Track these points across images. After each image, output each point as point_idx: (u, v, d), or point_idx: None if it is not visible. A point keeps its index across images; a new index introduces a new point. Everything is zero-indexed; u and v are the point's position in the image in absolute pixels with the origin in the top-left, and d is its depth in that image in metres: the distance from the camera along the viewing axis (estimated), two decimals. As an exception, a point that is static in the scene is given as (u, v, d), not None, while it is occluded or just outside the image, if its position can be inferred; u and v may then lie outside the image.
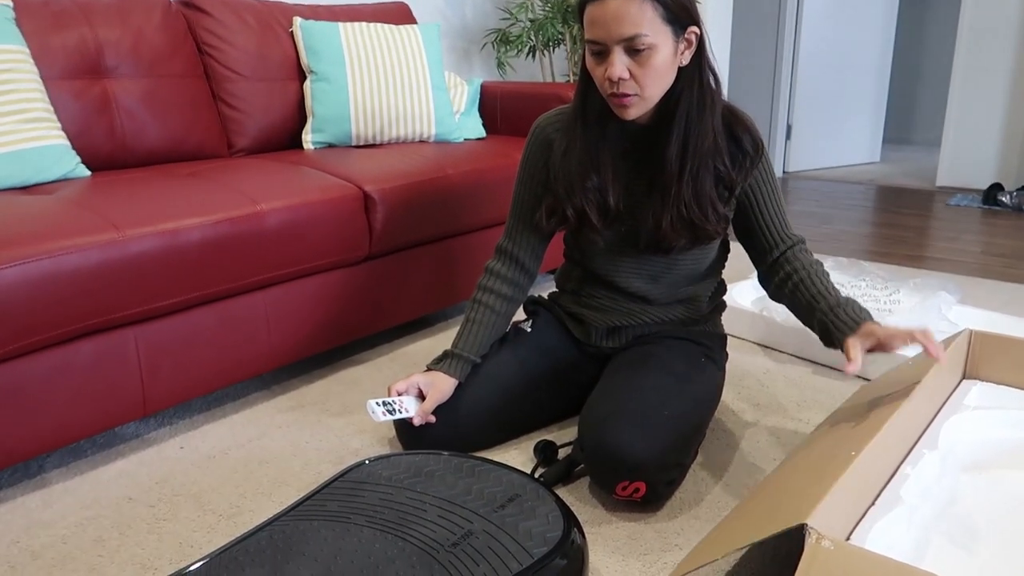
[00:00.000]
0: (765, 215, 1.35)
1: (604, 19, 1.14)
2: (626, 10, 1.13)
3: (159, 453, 1.44)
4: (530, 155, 1.41)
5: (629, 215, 1.33)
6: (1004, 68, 3.82)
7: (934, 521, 1.00)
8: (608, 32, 1.15)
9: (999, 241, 2.99)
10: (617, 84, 1.17)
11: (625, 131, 1.31)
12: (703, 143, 1.25)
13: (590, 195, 1.31)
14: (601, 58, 1.18)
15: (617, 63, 1.16)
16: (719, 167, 1.28)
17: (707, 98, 1.24)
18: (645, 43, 1.14)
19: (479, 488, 1.09)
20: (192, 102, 1.97)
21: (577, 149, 1.30)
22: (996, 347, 1.30)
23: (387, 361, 1.85)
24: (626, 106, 1.20)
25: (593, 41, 1.17)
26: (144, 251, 1.33)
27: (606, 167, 1.30)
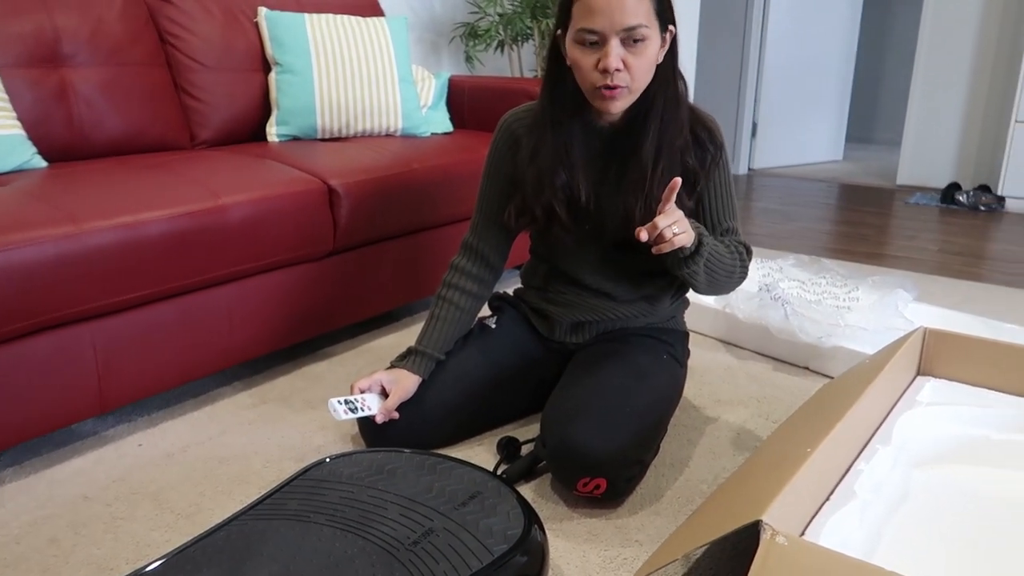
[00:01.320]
0: (714, 208, 1.36)
1: (607, 7, 1.13)
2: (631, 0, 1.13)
3: (117, 451, 1.42)
4: (496, 151, 1.40)
5: (597, 211, 1.33)
6: (962, 71, 3.90)
7: (886, 516, 1.03)
8: (611, 20, 1.14)
9: (956, 239, 3.06)
10: (612, 75, 1.17)
11: (594, 127, 1.31)
12: (676, 139, 1.27)
13: (559, 193, 1.31)
14: (594, 48, 1.17)
15: (613, 53, 1.15)
16: (687, 161, 1.29)
17: (679, 96, 1.27)
18: (642, 34, 1.16)
19: (440, 486, 1.09)
20: (153, 92, 1.94)
21: (546, 147, 1.30)
22: (950, 345, 1.33)
23: (352, 356, 1.84)
24: (615, 98, 1.20)
25: (590, 30, 1.16)
26: (102, 245, 1.31)
27: (575, 163, 1.30)
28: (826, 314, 1.82)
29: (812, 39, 4.68)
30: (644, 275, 1.41)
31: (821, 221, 3.41)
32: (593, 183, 1.32)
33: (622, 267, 1.39)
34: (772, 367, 1.80)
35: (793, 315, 1.80)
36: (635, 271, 1.40)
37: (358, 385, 1.35)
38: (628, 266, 1.39)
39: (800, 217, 3.48)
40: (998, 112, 3.82)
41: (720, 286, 1.34)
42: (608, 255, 1.38)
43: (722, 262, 1.30)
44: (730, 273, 1.33)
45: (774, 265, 2.22)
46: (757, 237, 3.09)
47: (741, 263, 1.35)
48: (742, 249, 1.36)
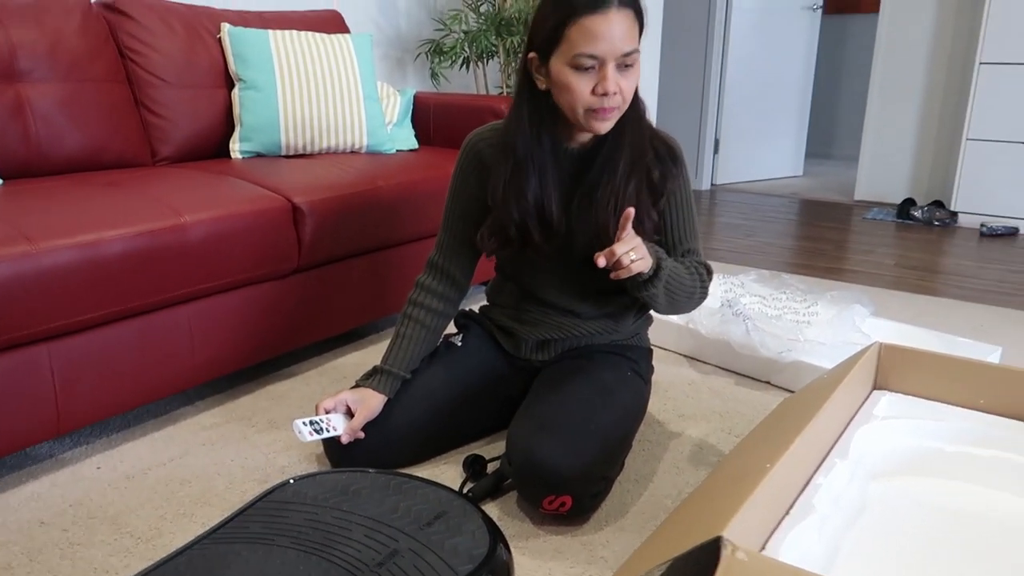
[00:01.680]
0: (676, 228, 1.38)
1: (609, 33, 1.16)
2: (627, 24, 1.18)
3: (74, 474, 1.39)
4: (462, 171, 1.41)
5: (567, 230, 1.34)
6: (916, 90, 4.02)
7: (844, 529, 1.05)
8: (612, 46, 1.16)
9: (911, 254, 3.14)
10: (610, 97, 1.19)
11: (562, 149, 1.32)
12: (645, 156, 1.30)
13: (531, 212, 1.31)
14: (589, 72, 1.19)
15: (611, 77, 1.18)
16: (653, 176, 1.32)
17: (643, 112, 1.31)
18: (634, 59, 1.20)
19: (406, 506, 1.09)
20: (113, 108, 1.91)
21: (518, 167, 1.30)
22: (904, 359, 1.36)
23: (316, 375, 1.83)
24: (608, 119, 1.23)
25: (591, 55, 1.17)
26: (59, 264, 1.29)
27: (546, 183, 1.31)
28: (786, 329, 1.86)
29: (772, 59, 4.79)
30: (609, 293, 1.42)
31: (782, 236, 3.47)
32: (563, 203, 1.33)
33: (588, 285, 1.40)
34: (734, 381, 1.83)
35: (754, 330, 1.83)
36: (601, 289, 1.41)
37: (323, 405, 1.34)
38: (594, 284, 1.40)
39: (761, 232, 3.54)
40: (950, 130, 3.94)
41: (680, 306, 1.37)
42: (575, 274, 1.39)
43: (682, 284, 1.32)
44: (690, 294, 1.35)
45: (736, 281, 2.26)
46: (719, 252, 3.14)
47: (701, 284, 1.37)
48: (702, 270, 1.38)
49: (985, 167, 3.57)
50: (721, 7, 4.46)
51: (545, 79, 1.24)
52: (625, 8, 1.17)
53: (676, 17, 4.54)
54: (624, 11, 1.17)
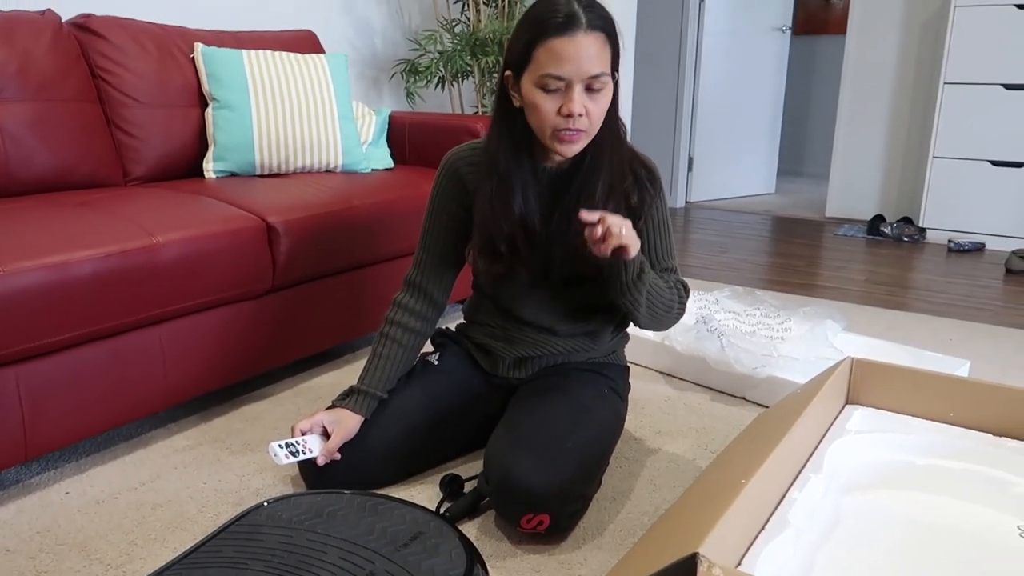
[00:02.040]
0: (654, 248, 1.38)
1: (575, 55, 1.16)
2: (596, 48, 1.17)
3: (42, 500, 1.36)
4: (440, 188, 1.41)
5: (545, 250, 1.35)
6: (883, 109, 4.10)
7: (819, 543, 1.06)
8: (578, 68, 1.16)
9: (881, 270, 3.19)
10: (575, 119, 1.19)
11: (540, 168, 1.33)
12: (624, 179, 1.30)
13: (518, 225, 1.32)
14: (556, 93, 1.19)
15: (577, 99, 1.18)
16: (631, 199, 1.32)
17: (622, 136, 1.31)
18: (603, 82, 1.20)
19: (382, 527, 1.08)
20: (84, 128, 1.89)
21: (501, 183, 1.31)
22: (875, 374, 1.38)
23: (291, 395, 1.81)
24: (573, 142, 1.22)
25: (556, 76, 1.17)
26: (28, 286, 1.27)
27: (528, 198, 1.32)
28: (760, 345, 1.88)
29: (743, 79, 4.87)
30: (587, 310, 1.43)
31: (755, 253, 3.51)
32: (543, 219, 1.34)
33: (566, 303, 1.41)
34: (710, 397, 1.84)
35: (729, 346, 1.85)
36: (578, 307, 1.42)
37: (299, 427, 1.32)
38: (572, 302, 1.41)
39: (735, 249, 3.58)
40: (917, 148, 4.02)
41: (659, 320, 1.37)
42: (553, 292, 1.40)
43: (662, 296, 1.33)
44: (668, 308, 1.36)
45: (710, 297, 2.28)
46: (694, 269, 3.17)
47: (679, 300, 1.38)
48: (680, 288, 1.39)
49: (952, 184, 3.65)
50: (692, 29, 4.53)
51: (518, 97, 1.25)
52: (595, 31, 1.17)
53: (649, 39, 4.60)
54: (593, 34, 1.17)
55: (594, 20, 1.17)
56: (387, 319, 1.44)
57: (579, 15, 1.16)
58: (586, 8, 1.18)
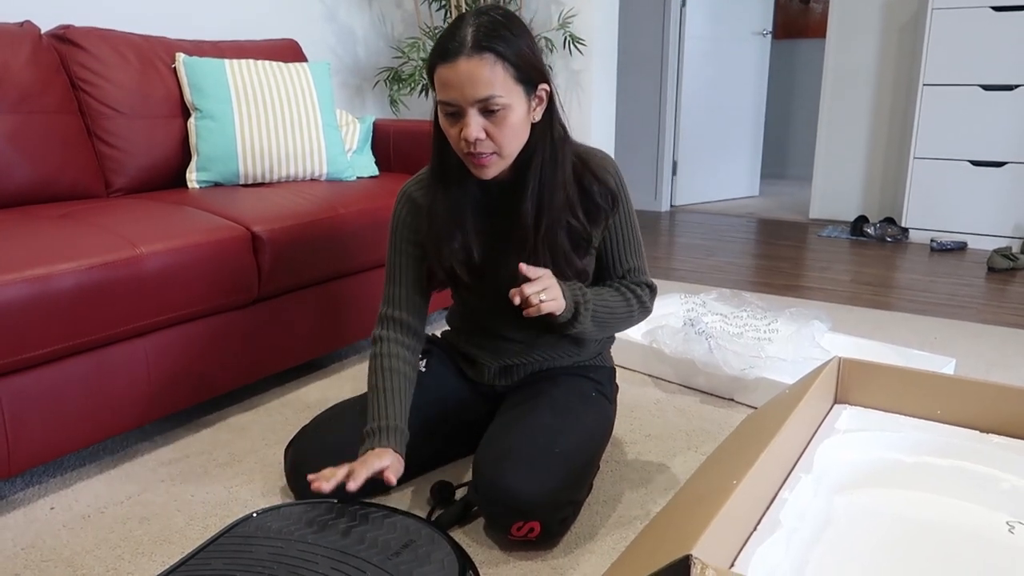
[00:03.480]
0: (615, 250, 1.37)
1: (457, 81, 1.13)
2: (479, 72, 1.13)
3: (26, 515, 1.34)
4: (399, 220, 1.38)
5: (492, 269, 1.33)
6: (864, 110, 4.14)
7: (811, 543, 1.06)
8: (462, 94, 1.14)
9: (866, 270, 3.21)
10: (474, 144, 1.17)
11: (483, 186, 1.31)
12: (556, 199, 1.26)
13: (457, 254, 1.30)
14: (455, 119, 1.17)
15: (472, 124, 1.15)
16: (572, 222, 1.29)
17: (558, 153, 1.26)
18: (499, 103, 1.15)
19: (373, 536, 1.07)
20: (65, 140, 1.88)
21: (439, 209, 1.30)
22: (863, 373, 1.39)
23: (278, 406, 1.80)
24: (484, 166, 1.20)
25: (446, 103, 1.16)
26: (9, 299, 1.25)
27: (467, 224, 1.31)
28: (748, 346, 1.88)
29: (725, 83, 4.90)
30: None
31: (741, 255, 3.53)
32: (486, 241, 1.32)
33: (534, 319, 1.39)
34: (699, 400, 1.85)
35: (717, 348, 1.85)
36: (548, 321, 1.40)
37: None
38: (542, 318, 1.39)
39: (721, 251, 3.60)
40: (898, 149, 4.06)
41: (617, 330, 1.38)
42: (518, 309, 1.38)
43: (613, 312, 1.33)
44: (626, 317, 1.36)
45: (697, 300, 2.29)
46: (680, 272, 3.18)
47: (640, 304, 1.37)
48: (640, 290, 1.37)
49: (933, 184, 3.69)
50: (674, 34, 4.56)
51: None
52: (480, 53, 1.13)
53: (631, 44, 4.63)
54: (477, 57, 1.12)
55: (482, 42, 1.13)
56: (377, 354, 1.35)
57: (465, 40, 1.13)
58: (478, 30, 1.14)
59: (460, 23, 1.16)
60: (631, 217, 1.37)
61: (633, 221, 1.38)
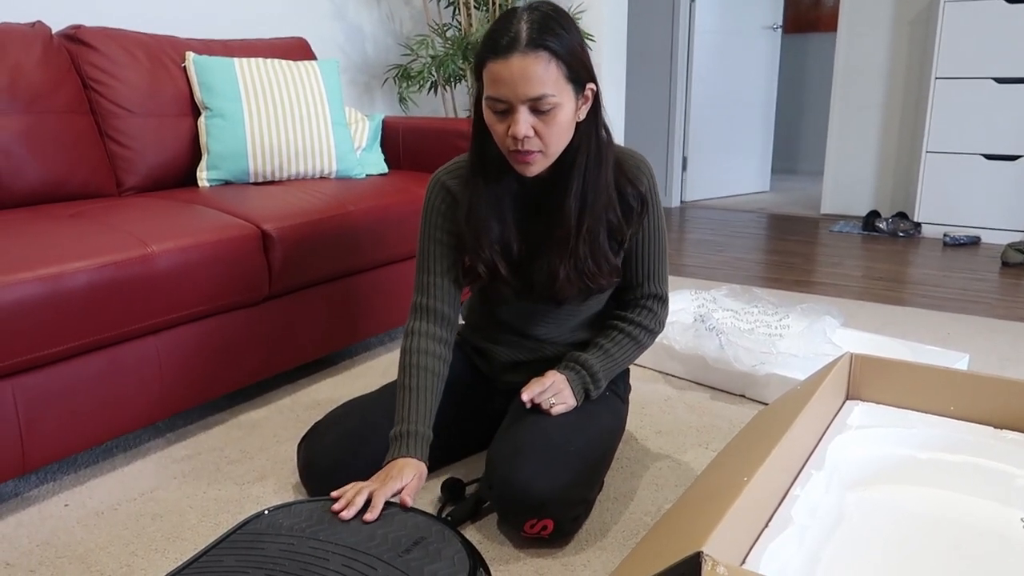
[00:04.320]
0: (641, 259, 1.37)
1: (510, 78, 1.12)
2: (533, 70, 1.11)
3: (40, 512, 1.35)
4: (432, 208, 1.36)
5: (528, 266, 1.33)
6: (875, 104, 4.11)
7: (823, 539, 1.05)
8: (514, 91, 1.13)
9: (878, 265, 3.19)
10: (522, 142, 1.16)
11: (522, 182, 1.31)
12: (599, 198, 1.26)
13: (496, 247, 1.30)
14: (504, 116, 1.17)
15: (522, 122, 1.14)
16: (611, 219, 1.30)
17: (603, 153, 1.26)
18: (550, 103, 1.14)
19: (384, 533, 1.07)
20: (76, 139, 1.89)
21: (479, 202, 1.29)
22: (875, 369, 1.38)
23: (289, 403, 1.80)
24: (529, 163, 1.19)
25: (496, 99, 1.15)
26: (22, 298, 1.26)
27: (507, 218, 1.30)
28: (759, 342, 1.87)
29: (735, 78, 4.88)
30: (580, 322, 1.42)
31: (751, 251, 3.51)
32: (524, 236, 1.32)
33: (556, 316, 1.40)
34: (710, 396, 1.84)
35: (728, 345, 1.85)
36: (571, 320, 1.41)
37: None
38: (564, 316, 1.40)
39: (731, 247, 3.58)
40: (911, 143, 4.03)
41: (634, 360, 1.43)
42: (541, 306, 1.39)
43: (624, 359, 1.39)
44: (636, 354, 1.41)
45: (708, 296, 2.28)
46: (691, 268, 3.17)
47: (648, 333, 1.40)
48: (651, 315, 1.40)
49: (945, 179, 3.66)
50: (684, 29, 4.54)
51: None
52: (535, 51, 1.12)
53: (640, 40, 4.61)
54: (532, 55, 1.12)
55: (538, 40, 1.12)
56: (408, 349, 1.32)
57: (520, 36, 1.12)
58: (532, 26, 1.13)
59: (512, 17, 1.15)
60: (659, 224, 1.37)
61: (660, 230, 1.37)
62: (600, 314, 1.44)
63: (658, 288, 1.40)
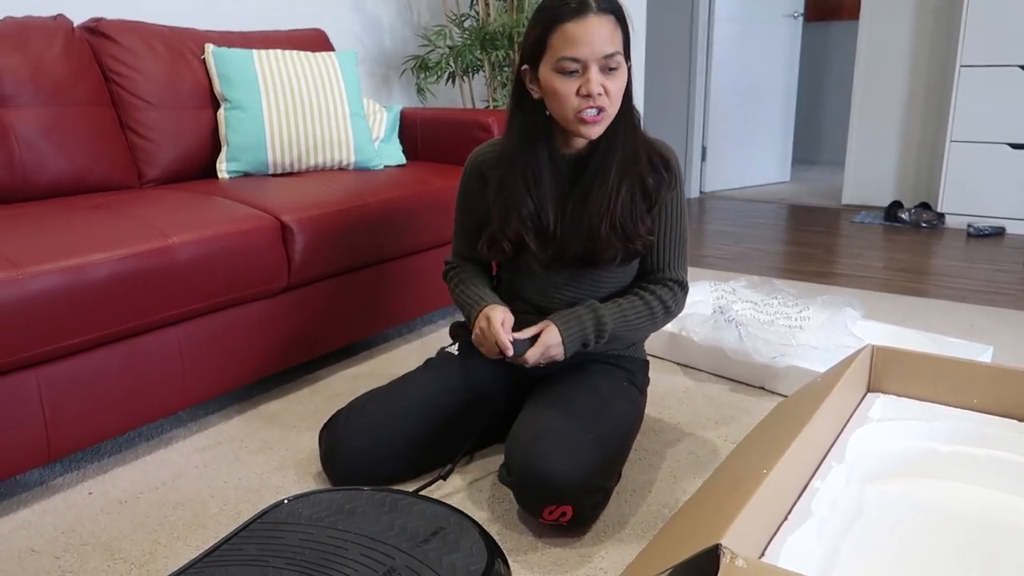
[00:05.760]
0: (663, 244, 1.41)
1: (587, 36, 1.20)
2: (608, 29, 1.22)
3: (65, 500, 1.37)
4: (468, 186, 1.46)
5: (561, 235, 1.37)
6: (898, 93, 4.05)
7: (843, 532, 1.04)
8: (592, 48, 1.21)
9: (900, 256, 3.15)
10: (595, 98, 1.22)
11: (559, 155, 1.35)
12: (637, 162, 1.33)
13: (527, 222, 1.34)
14: (574, 76, 1.23)
15: (595, 79, 1.22)
16: (647, 182, 1.35)
17: (636, 121, 1.35)
18: (617, 62, 1.24)
19: (402, 523, 1.08)
20: (98, 131, 1.91)
21: (513, 178, 1.34)
22: (896, 361, 1.37)
23: (308, 393, 1.81)
24: (596, 123, 1.26)
25: (572, 59, 1.21)
26: (46, 289, 1.28)
27: (543, 191, 1.34)
28: (779, 334, 1.86)
29: (755, 67, 4.82)
30: (604, 296, 1.43)
31: (771, 241, 3.48)
32: (558, 208, 1.36)
33: (583, 289, 1.41)
34: (729, 388, 1.83)
35: (747, 336, 1.83)
36: (596, 292, 1.42)
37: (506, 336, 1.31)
38: (589, 288, 1.41)
39: (751, 238, 3.55)
40: (934, 133, 3.97)
41: (644, 335, 1.44)
42: (571, 276, 1.41)
43: (635, 325, 1.39)
44: (649, 325, 1.41)
45: (727, 287, 2.26)
46: (710, 259, 3.15)
47: (664, 308, 1.41)
48: (669, 292, 1.41)
49: (970, 168, 3.60)
50: (703, 17, 4.49)
51: (538, 88, 1.29)
52: (605, 14, 1.22)
53: (660, 28, 4.57)
54: (604, 16, 1.22)
55: (603, 4, 1.22)
56: (453, 277, 1.49)
57: (589, 0, 1.21)
58: None
59: None
60: (682, 210, 1.42)
61: (683, 216, 1.42)
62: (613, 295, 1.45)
63: (678, 274, 1.44)
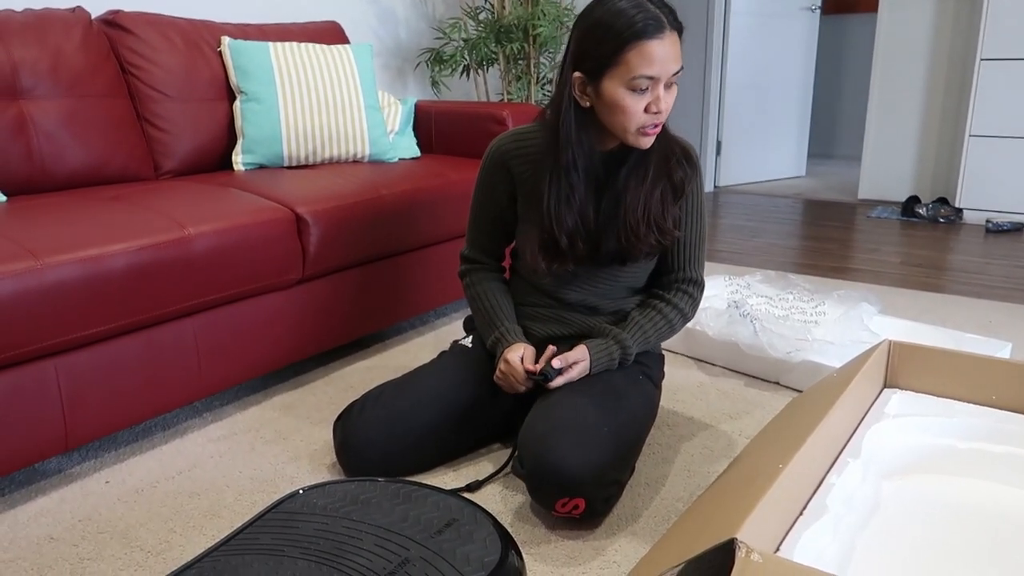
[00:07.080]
0: (683, 243, 1.43)
1: (664, 55, 1.22)
2: (678, 46, 1.24)
3: (83, 488, 1.39)
4: (488, 179, 1.46)
5: (596, 230, 1.38)
6: (916, 88, 4.01)
7: (859, 528, 1.04)
8: (666, 67, 1.23)
9: (917, 252, 3.12)
10: (662, 115, 1.26)
11: (595, 154, 1.36)
12: (668, 158, 1.36)
13: (577, 228, 1.36)
14: (642, 93, 1.24)
15: (665, 96, 1.25)
16: (674, 176, 1.38)
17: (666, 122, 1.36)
18: (679, 77, 1.27)
19: (416, 514, 1.08)
20: (115, 123, 1.92)
21: (564, 183, 1.34)
22: (913, 357, 1.36)
23: (322, 384, 1.82)
24: (654, 135, 1.29)
25: (648, 77, 1.22)
26: (64, 279, 1.29)
27: (586, 195, 1.36)
28: (794, 329, 1.85)
29: (772, 60, 4.79)
30: (624, 290, 1.44)
31: (786, 236, 3.46)
32: (597, 206, 1.38)
33: (600, 279, 1.42)
34: (743, 383, 1.82)
35: (762, 331, 1.82)
36: (616, 287, 1.43)
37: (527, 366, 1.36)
38: (606, 277, 1.42)
39: (766, 233, 3.53)
40: (953, 127, 3.93)
41: (664, 339, 1.46)
42: (598, 272, 1.42)
43: (655, 337, 1.42)
44: (667, 333, 1.44)
45: (742, 282, 2.25)
46: (724, 254, 3.14)
47: (681, 316, 1.44)
48: (686, 297, 1.44)
49: (989, 163, 3.56)
50: (719, 10, 4.46)
51: (592, 99, 1.29)
52: (674, 32, 1.24)
53: (675, 20, 4.54)
54: (674, 34, 1.24)
55: (672, 20, 1.24)
56: (471, 284, 1.51)
57: (662, 17, 1.22)
58: (662, 7, 1.23)
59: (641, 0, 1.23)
60: (701, 209, 1.44)
61: (702, 215, 1.44)
62: (631, 287, 1.46)
63: (696, 273, 1.45)
